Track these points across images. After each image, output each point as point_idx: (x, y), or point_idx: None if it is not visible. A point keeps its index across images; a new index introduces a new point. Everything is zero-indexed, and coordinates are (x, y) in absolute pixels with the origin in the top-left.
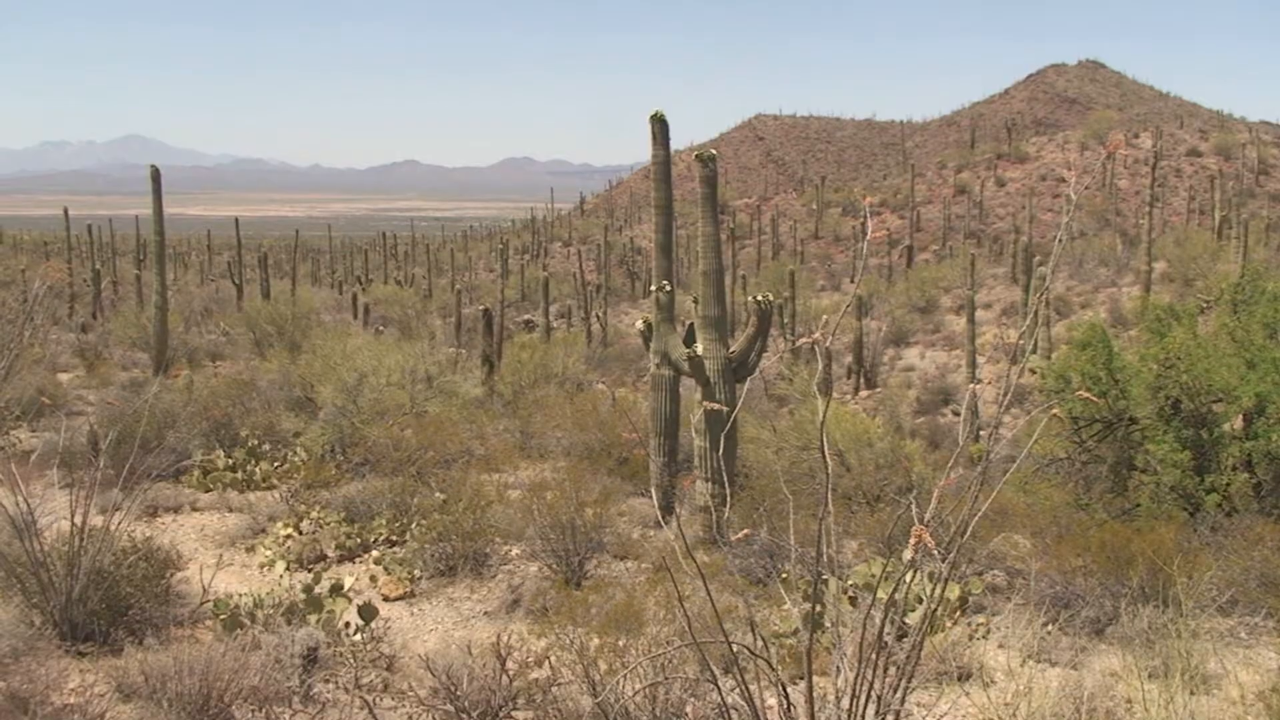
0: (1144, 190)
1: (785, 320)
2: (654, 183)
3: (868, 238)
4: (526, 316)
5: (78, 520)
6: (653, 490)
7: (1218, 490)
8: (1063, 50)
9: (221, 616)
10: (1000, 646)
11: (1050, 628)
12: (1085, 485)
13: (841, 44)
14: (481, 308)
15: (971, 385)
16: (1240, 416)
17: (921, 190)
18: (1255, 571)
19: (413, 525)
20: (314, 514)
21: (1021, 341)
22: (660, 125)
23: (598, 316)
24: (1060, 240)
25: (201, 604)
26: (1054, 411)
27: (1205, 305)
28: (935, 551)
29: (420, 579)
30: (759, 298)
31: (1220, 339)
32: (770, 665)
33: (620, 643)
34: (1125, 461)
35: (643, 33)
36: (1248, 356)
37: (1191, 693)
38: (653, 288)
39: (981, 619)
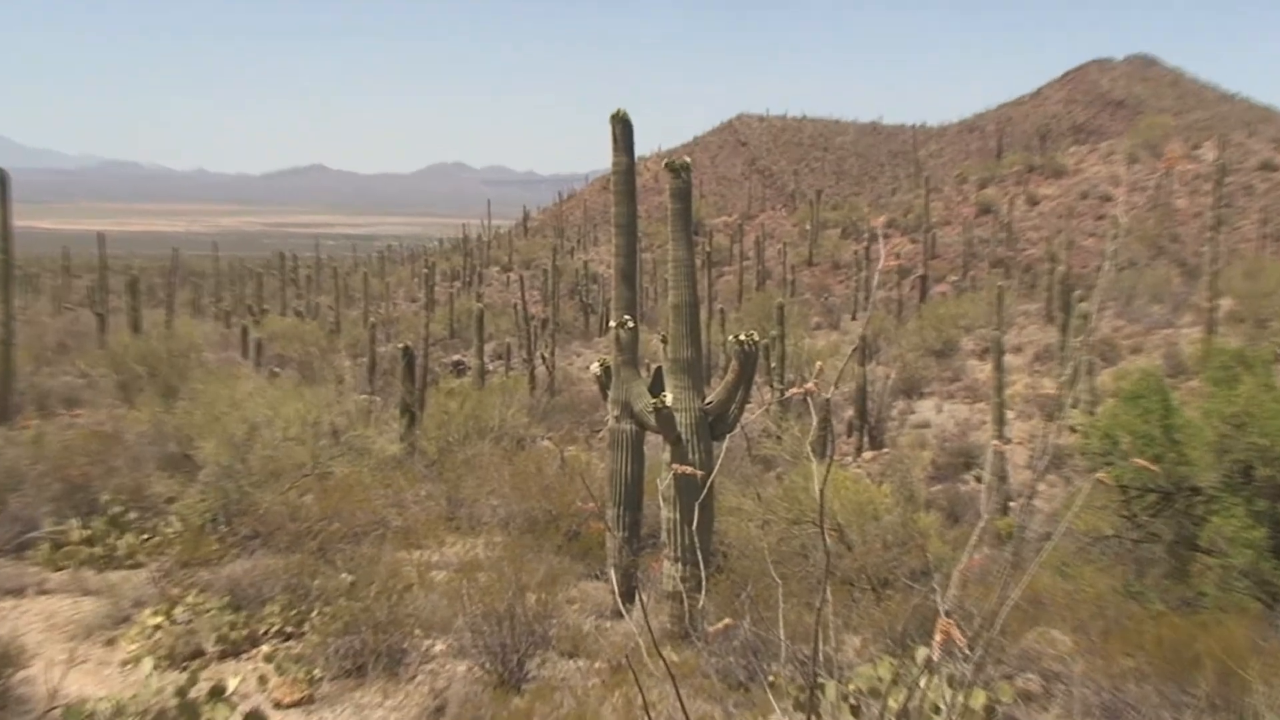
0: (1206, 212)
1: (773, 365)
2: (614, 195)
3: (877, 266)
4: (456, 357)
5: None
6: (610, 572)
7: None
8: (1108, 44)
9: None
10: None
11: None
12: (1138, 569)
13: (841, 32)
14: (401, 346)
15: (999, 446)
16: None
17: (938, 209)
18: None
19: (313, 614)
20: (190, 599)
21: (1060, 393)
22: (622, 126)
23: (543, 358)
24: (1105, 271)
25: (48, 712)
26: (1100, 479)
27: None
28: (961, 650)
29: (321, 680)
30: (741, 337)
31: None
32: None
33: None
34: (1186, 540)
35: (601, 16)
36: None
37: None
38: (612, 323)
39: None
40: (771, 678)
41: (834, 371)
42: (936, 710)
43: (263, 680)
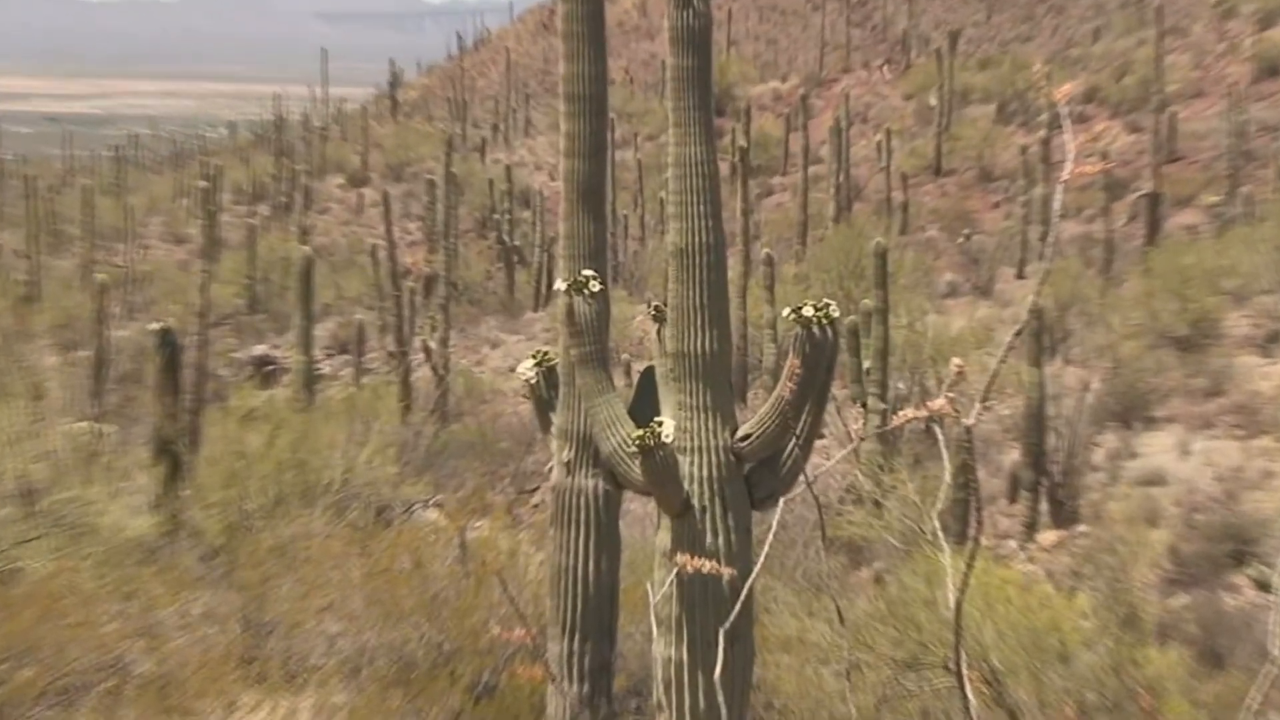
0: None
1: (866, 365)
2: (564, 40)
3: (1062, 178)
4: (261, 349)
5: None
6: None
7: None
8: None
9: None
10: None
11: None
12: None
13: None
14: (156, 327)
15: None
16: None
17: (1180, 68)
18: None
19: None
20: None
21: None
22: None
23: (427, 350)
24: None
25: None
26: None
27: None
28: None
29: None
30: (806, 312)
31: None
32: None
33: None
34: None
35: None
36: None
37: None
38: (559, 284)
39: None
40: None
41: (982, 376)
42: None
43: None
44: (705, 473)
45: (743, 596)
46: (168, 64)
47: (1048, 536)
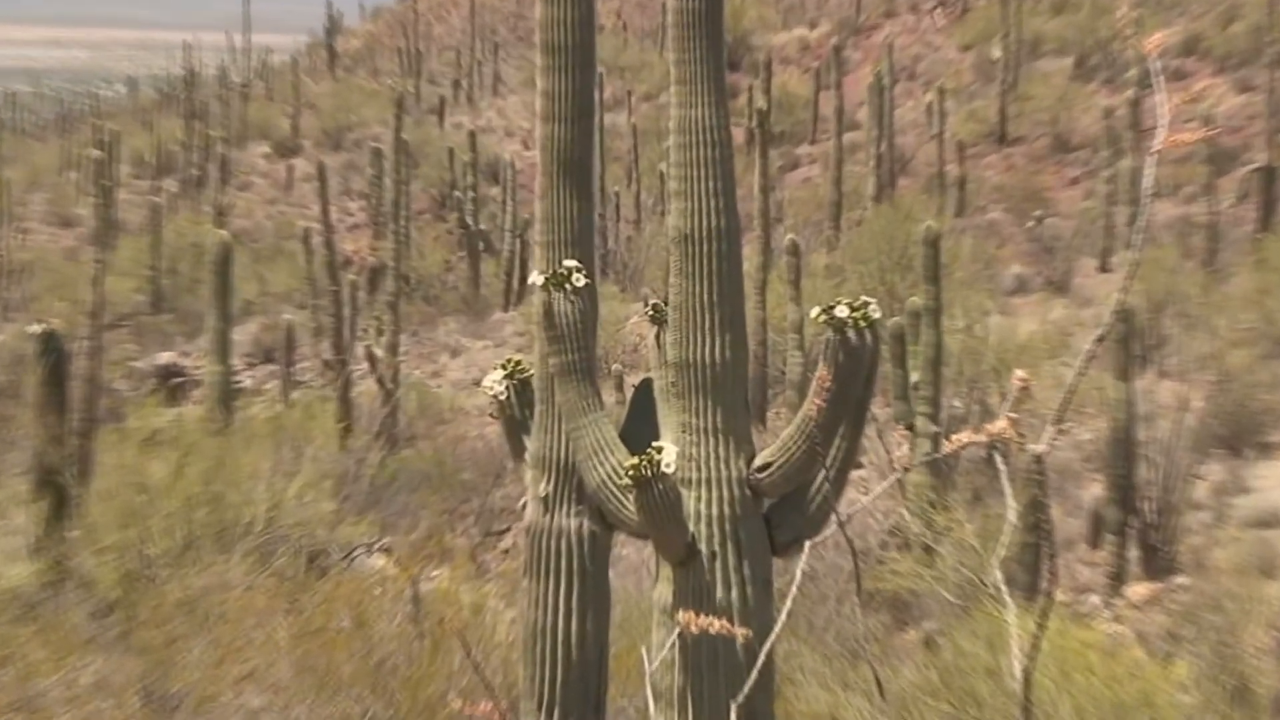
0: None
1: (914, 379)
2: None
3: (1154, 148)
4: (168, 356)
5: None
6: None
7: None
8: None
9: None
10: None
11: None
12: None
13: None
14: (38, 330)
15: None
16: None
17: None
18: None
19: None
20: None
21: None
22: None
23: (371, 358)
24: None
25: None
26: None
27: None
28: None
29: None
30: (841, 312)
31: None
32: None
33: None
34: None
35: None
36: None
37: None
38: (534, 278)
39: None
40: None
41: (1056, 393)
42: None
43: None
44: (715, 511)
45: (760, 664)
46: (53, 5)
47: (1138, 590)
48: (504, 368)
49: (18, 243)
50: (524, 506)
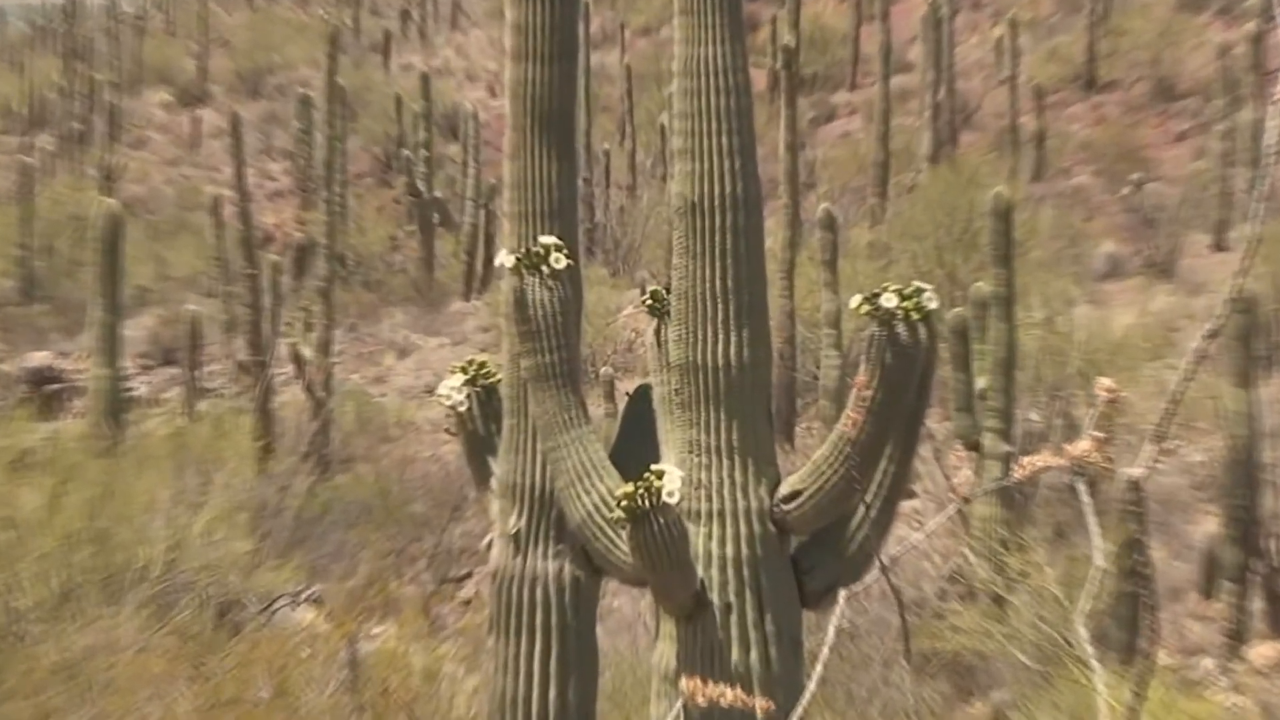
0: None
1: (980, 383)
2: None
3: (1279, 95)
4: (42, 357)
5: None
6: None
7: None
8: None
9: None
10: None
11: None
12: None
13: None
14: None
15: None
16: None
17: None
18: None
19: None
20: None
21: None
22: None
23: (300, 359)
24: None
25: None
26: None
27: None
28: None
29: None
30: (887, 302)
31: None
32: None
33: None
34: None
35: None
36: None
37: None
38: (502, 258)
39: None
40: None
41: (1156, 402)
42: None
43: None
44: (730, 551)
45: None
46: None
47: (1263, 651)
48: (464, 371)
49: None
50: (489, 546)
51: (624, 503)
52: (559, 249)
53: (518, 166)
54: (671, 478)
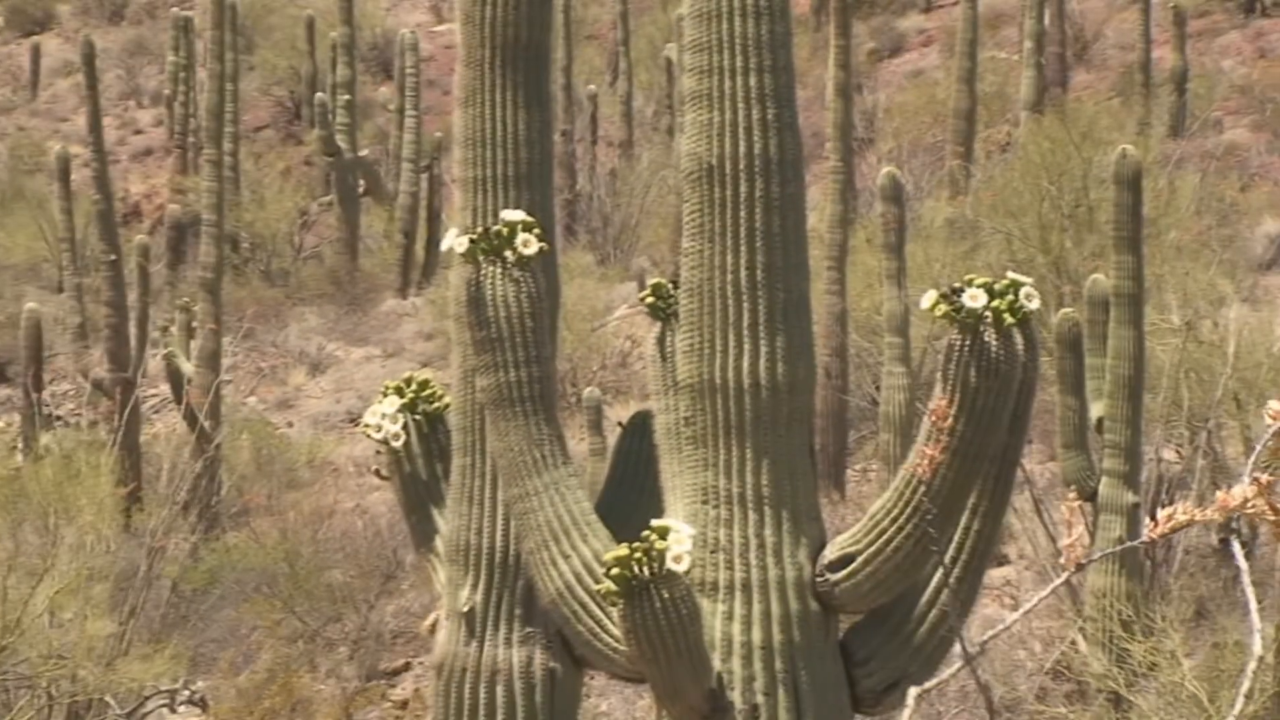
0: None
1: (1097, 409)
2: None
3: None
4: None
5: None
6: None
7: None
8: None
9: None
10: None
11: None
12: None
13: None
14: None
15: None
16: None
17: None
18: None
19: None
20: None
21: None
22: None
23: (177, 375)
24: None
25: None
26: None
27: None
28: None
29: None
30: (971, 300)
31: None
32: None
33: None
34: None
35: None
36: None
37: None
38: (455, 239)
39: None
40: None
41: None
42: None
43: None
44: (758, 636)
45: None
46: None
47: None
48: (400, 394)
49: None
50: (433, 629)
51: (615, 571)
52: (528, 228)
53: (473, 116)
54: (679, 537)
